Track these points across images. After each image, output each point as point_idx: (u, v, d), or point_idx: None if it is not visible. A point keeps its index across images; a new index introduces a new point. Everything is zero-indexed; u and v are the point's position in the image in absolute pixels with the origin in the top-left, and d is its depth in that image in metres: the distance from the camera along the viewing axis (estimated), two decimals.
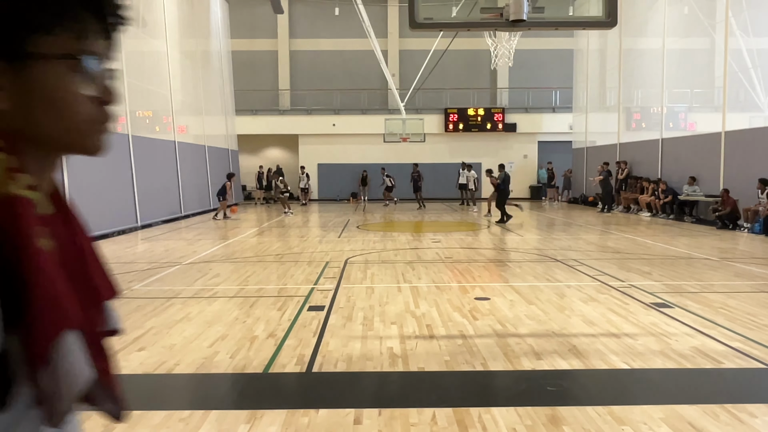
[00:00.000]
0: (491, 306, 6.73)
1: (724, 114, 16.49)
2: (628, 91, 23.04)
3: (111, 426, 3.61)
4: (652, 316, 6.22)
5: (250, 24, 30.55)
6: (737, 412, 3.73)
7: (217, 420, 3.70)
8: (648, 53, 21.02)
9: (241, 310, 6.63)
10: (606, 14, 6.03)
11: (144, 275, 8.95)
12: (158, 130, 18.84)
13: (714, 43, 19.17)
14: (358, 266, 9.60)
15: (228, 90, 26.80)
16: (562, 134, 29.31)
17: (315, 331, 5.70)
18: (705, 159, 17.16)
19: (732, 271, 8.98)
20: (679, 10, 19.91)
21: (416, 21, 6.01)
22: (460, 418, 3.69)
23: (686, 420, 3.63)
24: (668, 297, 7.11)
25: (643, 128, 22.34)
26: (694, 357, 4.86)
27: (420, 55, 26.08)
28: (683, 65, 20.05)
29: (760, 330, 5.63)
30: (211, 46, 24.88)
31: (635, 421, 3.62)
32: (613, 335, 5.51)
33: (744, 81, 16.70)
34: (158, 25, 19.03)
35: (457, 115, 29.85)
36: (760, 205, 14.01)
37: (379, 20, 29.79)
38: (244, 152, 29.90)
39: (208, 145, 23.31)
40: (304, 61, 31.13)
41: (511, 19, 5.81)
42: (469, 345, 5.23)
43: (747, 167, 15.11)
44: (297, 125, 30.09)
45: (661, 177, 19.46)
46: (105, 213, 14.22)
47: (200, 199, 21.82)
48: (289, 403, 4.02)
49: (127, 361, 4.85)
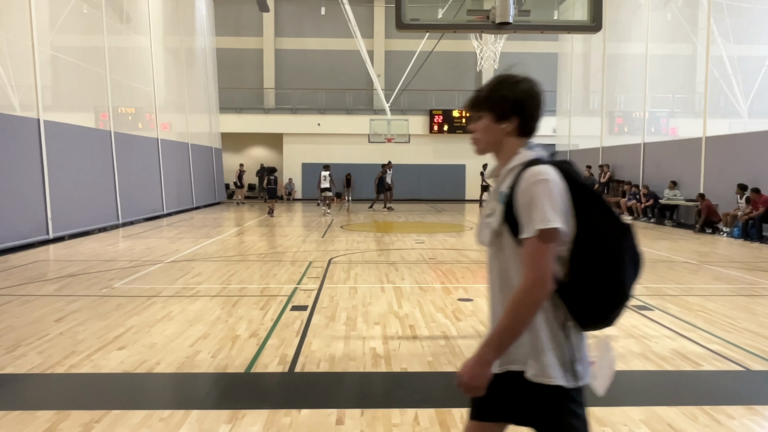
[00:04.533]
0: (474, 307, 6.75)
1: (705, 119, 16.71)
2: (611, 95, 23.27)
3: (90, 425, 3.57)
4: (633, 318, 6.28)
5: (235, 22, 30.39)
6: (715, 413, 3.78)
7: (197, 420, 3.67)
8: (631, 58, 21.24)
9: (224, 310, 6.58)
10: (591, 19, 6.08)
11: (125, 273, 8.86)
12: (141, 127, 18.67)
13: (696, 50, 19.45)
14: (342, 266, 9.59)
15: (212, 87, 26.63)
16: (546, 137, 29.47)
17: (298, 331, 5.68)
18: (686, 164, 17.37)
19: (711, 275, 9.09)
20: (662, 16, 20.17)
21: (403, 22, 6.02)
22: (442, 418, 3.70)
23: (666, 421, 3.66)
24: (649, 300, 7.18)
25: (625, 132, 22.58)
26: (674, 359, 4.92)
27: (406, 56, 26.12)
28: (665, 71, 20.31)
29: (738, 333, 5.71)
30: (196, 43, 24.71)
31: (615, 422, 3.65)
32: (593, 336, 5.55)
33: (725, 87, 16.95)
34: (142, 21, 18.87)
35: (441, 116, 29.93)
36: (739, 209, 14.21)
37: (366, 20, 29.79)
38: (227, 151, 29.73)
39: (192, 142, 23.14)
40: (290, 60, 31.03)
41: (497, 22, 5.84)
42: (452, 346, 5.25)
43: (726, 172, 15.33)
44: (282, 124, 29.96)
45: (642, 181, 19.67)
46: (86, 210, 14.07)
47: (183, 197, 21.66)
48: (271, 403, 4.00)
49: (107, 360, 4.80)
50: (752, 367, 4.76)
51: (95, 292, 7.46)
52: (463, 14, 6.18)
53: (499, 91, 1.98)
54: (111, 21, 16.39)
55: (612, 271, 1.87)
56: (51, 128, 12.50)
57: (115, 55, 16.24)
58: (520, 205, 1.84)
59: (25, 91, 12.13)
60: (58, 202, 12.51)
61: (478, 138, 2.04)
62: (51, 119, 12.58)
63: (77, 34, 15.33)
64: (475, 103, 2.03)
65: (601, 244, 1.86)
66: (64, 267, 9.48)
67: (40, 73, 12.31)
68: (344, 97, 30.36)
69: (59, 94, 14.75)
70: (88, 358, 4.86)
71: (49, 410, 3.78)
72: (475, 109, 2.03)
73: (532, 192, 1.81)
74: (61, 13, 14.15)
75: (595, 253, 1.86)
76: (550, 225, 1.78)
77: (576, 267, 1.87)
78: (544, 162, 1.90)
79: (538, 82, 2.04)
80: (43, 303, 6.89)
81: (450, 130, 29.97)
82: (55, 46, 14.20)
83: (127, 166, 16.43)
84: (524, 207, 1.82)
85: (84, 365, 4.69)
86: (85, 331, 5.68)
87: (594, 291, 1.87)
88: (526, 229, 1.81)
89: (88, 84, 15.36)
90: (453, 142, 30.28)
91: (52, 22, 13.90)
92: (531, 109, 1.99)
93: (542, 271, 1.79)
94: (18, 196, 11.43)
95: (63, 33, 14.41)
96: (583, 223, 1.87)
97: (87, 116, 15.55)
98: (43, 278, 8.54)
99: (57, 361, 4.78)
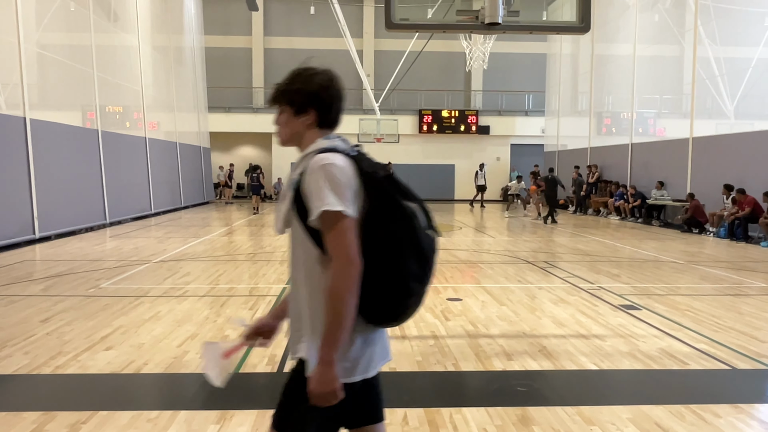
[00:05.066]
0: (463, 307, 6.76)
1: (692, 120, 16.84)
2: (599, 96, 23.40)
3: (77, 426, 3.54)
4: (621, 317, 6.32)
5: (224, 20, 30.26)
6: (702, 412, 3.81)
7: (186, 420, 3.65)
8: (619, 59, 21.37)
9: (212, 310, 6.55)
10: (579, 19, 6.11)
11: (112, 273, 8.80)
12: (128, 126, 18.54)
13: (683, 51, 19.61)
14: None
15: (201, 87, 26.50)
16: (535, 137, 29.63)
17: (286, 331, 5.65)
18: (673, 164, 17.50)
19: (698, 274, 9.17)
20: (649, 17, 20.31)
21: (392, 21, 6.02)
22: (431, 418, 3.70)
23: (653, 420, 3.69)
24: (636, 299, 7.23)
25: (613, 133, 22.72)
26: (661, 358, 4.95)
27: (395, 55, 26.13)
28: (653, 72, 20.46)
29: (724, 332, 5.76)
30: (184, 41, 24.57)
31: (603, 421, 3.68)
32: (582, 336, 5.59)
33: (711, 88, 17.08)
34: (130, 19, 18.74)
35: (431, 116, 29.97)
36: (725, 209, 14.33)
37: (355, 20, 29.76)
38: (216, 150, 29.60)
39: (180, 142, 23.02)
40: (279, 59, 30.92)
41: (486, 22, 5.86)
42: (441, 345, 5.25)
43: (713, 173, 15.46)
44: (270, 124, 29.51)
45: (630, 181, 19.80)
46: (73, 210, 13.96)
47: (171, 197, 21.54)
48: (260, 403, 3.99)
49: (95, 360, 4.76)
50: (738, 366, 4.80)
51: (82, 292, 7.40)
52: (453, 14, 6.19)
53: (294, 85, 1.99)
54: (98, 19, 16.26)
55: (391, 263, 1.84)
56: (37, 127, 12.39)
57: (102, 54, 16.11)
58: (306, 191, 1.84)
59: (11, 89, 12.02)
60: (44, 201, 12.41)
61: (280, 131, 2.04)
62: (37, 118, 12.47)
63: (64, 32, 15.20)
64: (274, 97, 2.02)
65: (380, 235, 1.84)
66: (51, 267, 9.40)
67: (27, 72, 12.20)
68: None
69: (46, 93, 14.61)
70: (75, 358, 4.82)
71: (36, 411, 3.75)
72: (274, 104, 2.03)
73: (316, 177, 1.81)
74: (48, 10, 14.02)
75: (375, 244, 1.83)
76: (333, 208, 1.78)
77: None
78: (337, 151, 1.90)
79: (336, 74, 2.05)
80: (30, 303, 6.83)
81: (439, 130, 30.02)
82: (42, 44, 14.07)
83: (115, 165, 16.32)
84: (310, 192, 1.82)
85: (71, 366, 4.65)
86: (72, 331, 5.63)
87: (374, 283, 1.83)
88: (312, 213, 1.81)
89: (75, 82, 15.24)
90: (442, 142, 30.34)
91: (38, 19, 13.77)
92: (328, 102, 1.99)
93: (346, 250, 1.78)
94: (3, 196, 11.32)
95: (50, 31, 14.28)
96: (367, 213, 1.85)
97: (74, 115, 15.42)
98: (29, 278, 8.46)
99: (43, 362, 4.73)
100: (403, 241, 1.85)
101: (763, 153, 13.76)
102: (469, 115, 30.04)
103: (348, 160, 1.88)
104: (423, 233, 1.89)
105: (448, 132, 30.07)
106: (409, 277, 1.86)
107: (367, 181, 1.87)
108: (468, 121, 30.03)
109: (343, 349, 1.86)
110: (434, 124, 29.98)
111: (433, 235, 1.94)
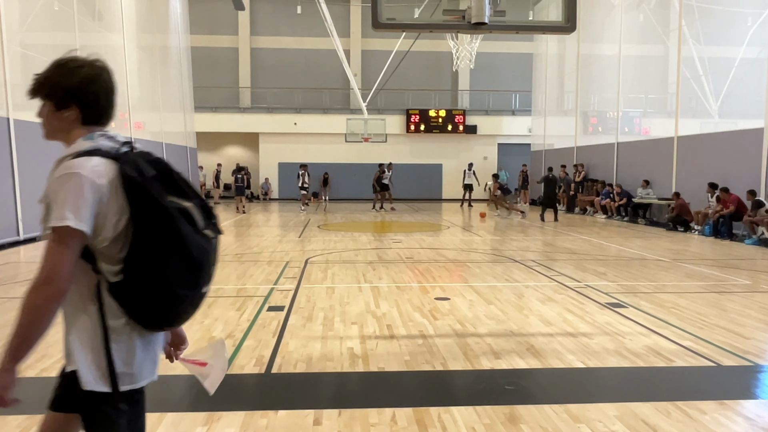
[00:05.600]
0: (451, 306, 6.77)
1: (676, 119, 16.99)
2: (586, 95, 23.55)
3: None
4: (607, 315, 6.36)
5: (210, 20, 30.10)
6: (688, 409, 3.84)
7: (173, 422, 3.63)
8: (605, 59, 21.51)
9: (199, 311, 6.50)
10: (565, 19, 6.14)
11: None
12: (114, 126, 18.30)
13: (668, 51, 19.78)
14: (319, 266, 9.56)
15: (187, 86, 26.32)
16: (521, 137, 29.76)
17: (274, 332, 5.64)
18: (658, 163, 17.65)
19: (683, 272, 9.25)
20: (634, 17, 20.47)
21: (379, 21, 6.02)
22: (419, 417, 3.70)
23: (640, 417, 3.71)
24: (622, 297, 7.28)
25: (599, 132, 22.86)
26: (647, 356, 4.99)
27: (382, 55, 26.12)
28: (638, 71, 20.61)
29: (709, 329, 5.82)
30: (170, 41, 24.40)
31: (591, 419, 3.70)
32: (569, 334, 5.62)
33: (696, 88, 17.24)
34: (115, 18, 18.59)
35: (418, 116, 30.01)
36: (710, 208, 14.47)
37: (342, 19, 29.72)
38: (203, 150, 29.44)
39: (166, 142, 22.86)
40: (266, 58, 30.84)
41: (472, 22, 5.87)
42: (429, 345, 5.26)
43: (698, 171, 15.61)
44: (257, 123, 29.76)
45: (616, 180, 19.93)
46: None
47: None
48: (248, 404, 3.97)
49: None
50: (723, 362, 4.85)
51: None
52: (440, 14, 6.20)
53: (53, 78, 1.86)
54: (83, 18, 16.11)
55: (152, 270, 1.77)
56: (21, 127, 12.25)
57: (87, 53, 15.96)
58: (48, 199, 1.75)
59: None
60: (29, 202, 12.26)
61: (43, 124, 1.93)
62: (21, 118, 12.33)
63: (48, 32, 15.04)
64: (33, 90, 1.89)
65: (142, 241, 1.76)
66: (36, 269, 9.29)
67: (10, 72, 12.06)
68: (321, 97, 30.27)
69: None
70: (60, 361, 4.77)
71: (20, 415, 3.70)
72: (33, 96, 1.90)
73: (56, 187, 1.72)
74: (32, 10, 13.87)
75: (139, 252, 1.77)
76: (62, 223, 1.69)
77: (126, 266, 1.78)
78: (100, 154, 1.80)
79: (105, 66, 1.94)
80: (14, 306, 6.75)
81: (427, 129, 30.06)
82: (26, 44, 13.91)
83: None
84: (49, 201, 1.74)
85: (56, 369, 4.59)
86: (57, 333, 5.55)
87: (139, 291, 1.78)
88: (44, 225, 1.74)
89: None
90: (430, 142, 30.38)
91: (22, 19, 13.62)
92: (91, 97, 1.89)
93: (51, 270, 1.71)
94: None
95: (33, 30, 14.13)
96: (134, 222, 1.77)
97: None
98: (13, 280, 8.37)
99: (28, 365, 4.68)
100: (164, 246, 1.77)
101: (747, 152, 13.91)
102: (456, 115, 30.11)
103: (108, 164, 1.78)
104: (193, 235, 1.81)
105: (436, 131, 30.13)
106: (174, 283, 1.79)
107: (127, 185, 1.76)
108: (455, 120, 30.10)
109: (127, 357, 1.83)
110: (422, 124, 30.03)
111: (210, 234, 1.88)
